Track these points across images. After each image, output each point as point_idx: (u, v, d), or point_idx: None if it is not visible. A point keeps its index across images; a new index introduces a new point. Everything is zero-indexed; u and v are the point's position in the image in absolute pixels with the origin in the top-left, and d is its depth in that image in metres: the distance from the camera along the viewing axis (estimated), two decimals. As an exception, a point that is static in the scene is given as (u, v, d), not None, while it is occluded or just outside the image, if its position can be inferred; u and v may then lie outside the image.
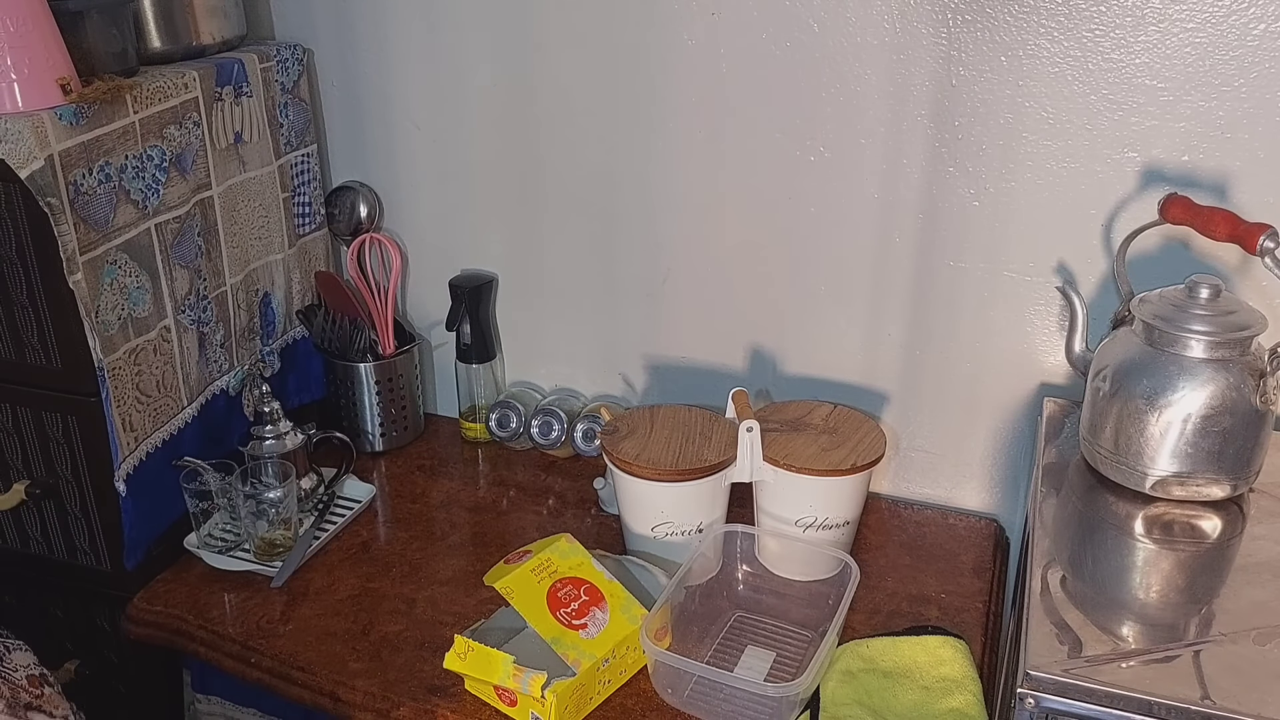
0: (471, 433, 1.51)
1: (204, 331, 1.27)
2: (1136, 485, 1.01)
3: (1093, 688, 0.78)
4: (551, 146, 1.36)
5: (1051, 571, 0.92)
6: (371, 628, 1.14)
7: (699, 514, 1.16)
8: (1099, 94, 1.10)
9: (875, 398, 1.33)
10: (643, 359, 1.45)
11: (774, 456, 1.14)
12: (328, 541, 1.28)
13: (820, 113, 1.21)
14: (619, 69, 1.29)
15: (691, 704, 1.02)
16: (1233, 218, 0.98)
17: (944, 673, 1.04)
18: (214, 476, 1.23)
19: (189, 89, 1.21)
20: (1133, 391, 0.99)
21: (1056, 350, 1.21)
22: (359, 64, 1.42)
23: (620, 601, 1.05)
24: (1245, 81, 1.04)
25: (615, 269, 1.40)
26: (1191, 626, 0.86)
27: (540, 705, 0.97)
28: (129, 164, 1.12)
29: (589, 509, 1.35)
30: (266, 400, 1.29)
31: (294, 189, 1.43)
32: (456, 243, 1.48)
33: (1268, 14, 1.02)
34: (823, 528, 1.16)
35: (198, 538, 1.26)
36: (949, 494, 1.35)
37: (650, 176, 1.33)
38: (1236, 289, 1.10)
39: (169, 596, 1.19)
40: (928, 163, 1.19)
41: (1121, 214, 1.13)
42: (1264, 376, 0.96)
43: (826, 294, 1.30)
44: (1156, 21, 1.05)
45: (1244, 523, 0.99)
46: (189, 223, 1.23)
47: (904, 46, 1.15)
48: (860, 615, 1.14)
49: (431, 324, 1.55)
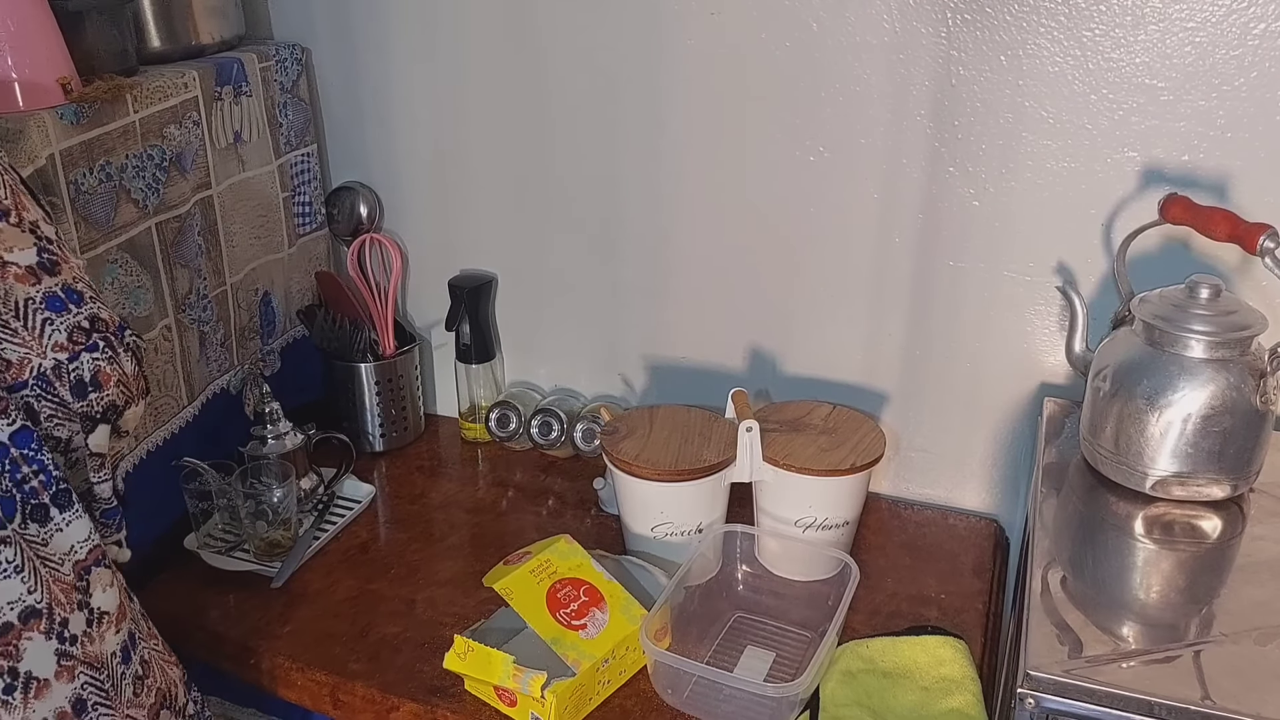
0: (471, 433, 1.51)
1: (204, 331, 1.27)
2: (1137, 485, 1.01)
3: (1093, 688, 0.78)
4: (551, 146, 1.36)
5: (1052, 571, 0.92)
6: (371, 628, 1.14)
7: (698, 514, 1.16)
8: (1099, 94, 1.10)
9: (875, 398, 1.33)
10: (642, 359, 1.45)
11: (774, 456, 1.14)
12: (327, 542, 1.28)
13: (820, 113, 1.21)
14: (619, 69, 1.29)
15: (691, 704, 1.02)
16: (1233, 218, 0.98)
17: (944, 673, 1.04)
18: (214, 476, 1.23)
19: (189, 89, 1.21)
20: (1133, 391, 0.99)
21: (1056, 350, 1.21)
22: (359, 64, 1.42)
23: (620, 602, 1.05)
24: (1245, 81, 1.04)
25: (615, 269, 1.40)
26: (1192, 626, 0.86)
27: (540, 705, 0.97)
28: (129, 163, 1.12)
29: (588, 509, 1.35)
30: (266, 400, 1.29)
31: (294, 189, 1.43)
32: (456, 243, 1.48)
33: (1268, 13, 1.02)
34: (822, 528, 1.16)
35: (197, 538, 1.26)
36: (949, 494, 1.34)
37: (649, 176, 1.33)
38: (1236, 289, 1.10)
39: (168, 597, 1.19)
40: (928, 163, 1.19)
41: (1121, 214, 1.13)
42: (1264, 376, 0.96)
43: (826, 294, 1.30)
44: (1156, 21, 1.05)
45: (1244, 523, 0.99)
46: (189, 222, 1.23)
47: (904, 46, 1.15)
48: (860, 615, 1.14)
49: (431, 324, 1.55)
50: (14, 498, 0.76)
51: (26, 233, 0.79)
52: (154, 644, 0.90)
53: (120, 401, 0.83)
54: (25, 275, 0.78)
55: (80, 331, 0.80)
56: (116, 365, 0.82)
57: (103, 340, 0.81)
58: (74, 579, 0.79)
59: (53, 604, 0.77)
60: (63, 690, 0.77)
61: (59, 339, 0.79)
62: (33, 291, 0.78)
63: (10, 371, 0.77)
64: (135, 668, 0.84)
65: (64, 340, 0.79)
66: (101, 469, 0.85)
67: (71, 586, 0.79)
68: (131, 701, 0.83)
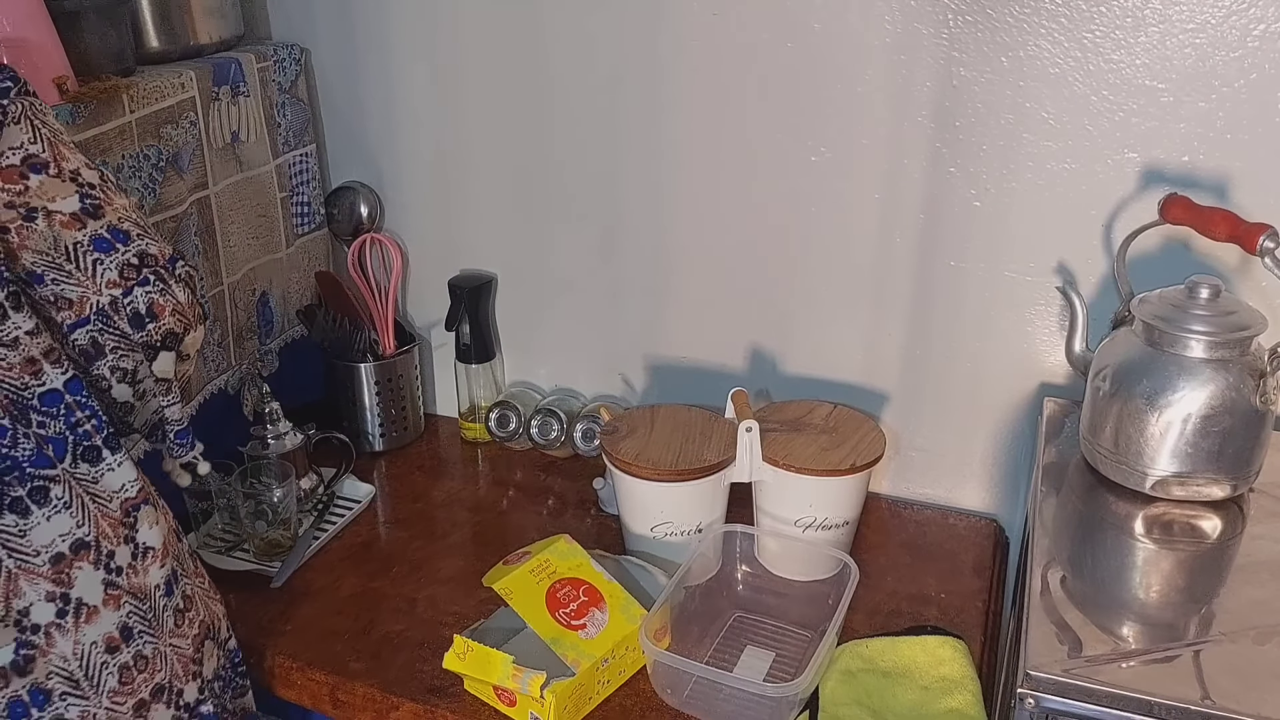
0: (471, 433, 1.51)
1: (203, 331, 1.27)
2: (1136, 485, 1.01)
3: (1093, 688, 0.78)
4: (552, 146, 1.36)
5: (1051, 571, 0.92)
6: (371, 628, 1.14)
7: (698, 514, 1.16)
8: (1099, 95, 1.10)
9: (875, 398, 1.33)
10: (642, 359, 1.44)
11: (773, 456, 1.14)
12: (327, 541, 1.28)
13: (821, 113, 1.21)
14: (620, 69, 1.29)
15: (691, 704, 1.02)
16: (1233, 218, 0.98)
17: (943, 673, 1.04)
18: (213, 476, 1.23)
19: (186, 89, 1.21)
20: (1133, 391, 0.99)
21: (1056, 350, 1.21)
22: (358, 64, 1.42)
23: (619, 602, 1.05)
24: (1245, 83, 1.04)
25: (615, 268, 1.40)
26: (1191, 626, 0.86)
27: (539, 705, 0.97)
28: (126, 163, 1.12)
29: (588, 509, 1.35)
30: (266, 400, 1.29)
31: (292, 189, 1.43)
32: (456, 243, 1.48)
33: (1267, 15, 1.02)
34: (822, 528, 1.16)
35: (197, 538, 1.26)
36: (949, 494, 1.34)
37: (650, 176, 1.33)
38: (1236, 289, 1.10)
39: (168, 597, 1.19)
40: (928, 163, 1.19)
41: (1121, 214, 1.13)
42: (1264, 376, 0.96)
43: (827, 294, 1.30)
44: (1157, 23, 1.05)
45: (1244, 523, 0.99)
46: (186, 222, 1.23)
47: (905, 47, 1.15)
48: (860, 615, 1.14)
49: (431, 324, 1.55)
50: (66, 439, 0.82)
51: (67, 181, 0.84)
52: (199, 581, 0.95)
53: (179, 329, 0.89)
54: (70, 222, 0.83)
55: (130, 268, 0.85)
56: (170, 296, 0.88)
57: (153, 274, 0.87)
58: (121, 515, 0.85)
59: (99, 537, 0.83)
60: (110, 617, 0.84)
61: (111, 276, 0.84)
62: (80, 235, 0.83)
63: (72, 309, 0.83)
64: (177, 601, 0.90)
65: (116, 277, 0.85)
66: (169, 393, 0.91)
67: (119, 522, 0.85)
68: (174, 631, 0.89)
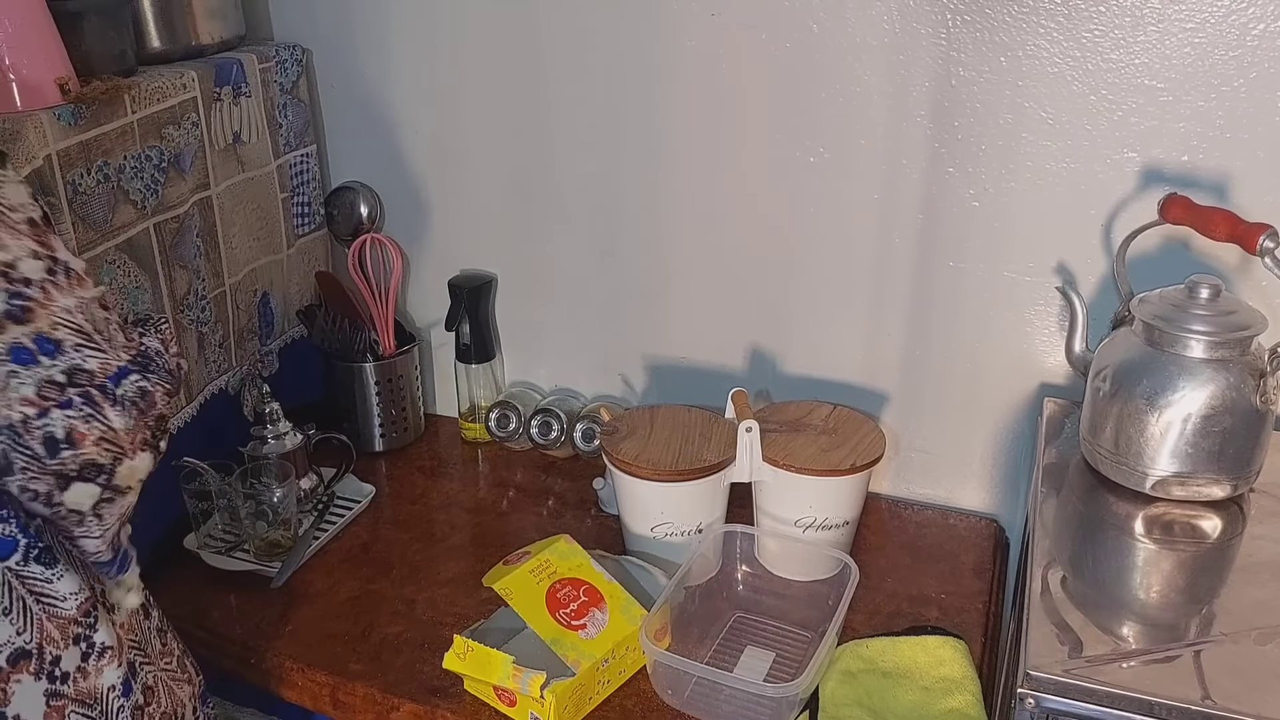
0: (471, 433, 1.51)
1: (203, 331, 1.27)
2: (1137, 485, 1.01)
3: (1093, 688, 0.78)
4: (551, 146, 1.36)
5: (1052, 571, 0.92)
6: (371, 628, 1.14)
7: (698, 514, 1.16)
8: (1098, 94, 1.10)
9: (875, 398, 1.33)
10: (642, 359, 1.44)
11: (773, 457, 1.14)
12: (327, 542, 1.28)
13: (820, 113, 1.21)
14: (619, 70, 1.29)
15: (691, 704, 1.02)
16: (1232, 218, 0.98)
17: (944, 673, 1.04)
18: (213, 477, 1.23)
19: (187, 89, 1.21)
20: (1133, 391, 0.99)
21: (1056, 350, 1.21)
22: (359, 64, 1.42)
23: (620, 602, 1.05)
24: (1244, 81, 1.04)
25: (615, 269, 1.40)
26: (1192, 626, 0.86)
27: (539, 705, 0.97)
28: (127, 164, 1.12)
29: (588, 509, 1.35)
30: (266, 400, 1.29)
31: (293, 189, 1.43)
32: (456, 243, 1.48)
33: (1267, 14, 1.02)
34: (822, 528, 1.16)
35: (197, 538, 1.26)
36: (949, 494, 1.34)
37: (650, 177, 1.33)
38: (1236, 289, 1.10)
39: (168, 597, 1.18)
40: (927, 163, 1.19)
41: (1121, 214, 1.13)
42: (1264, 376, 0.96)
43: (826, 294, 1.30)
44: (1155, 22, 1.05)
45: (1244, 523, 0.99)
46: (188, 223, 1.23)
47: (903, 47, 1.15)
48: (860, 615, 1.14)
49: (431, 324, 1.55)
50: (15, 539, 0.74)
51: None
52: (165, 662, 0.88)
53: (104, 459, 0.75)
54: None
55: (52, 386, 0.72)
56: (98, 422, 0.74)
57: (80, 395, 0.74)
58: (78, 614, 0.78)
59: (43, 643, 0.76)
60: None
61: (26, 393, 0.72)
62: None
63: None
64: (136, 697, 0.83)
65: (32, 395, 0.72)
66: (82, 524, 0.77)
67: (72, 621, 0.78)
68: None
